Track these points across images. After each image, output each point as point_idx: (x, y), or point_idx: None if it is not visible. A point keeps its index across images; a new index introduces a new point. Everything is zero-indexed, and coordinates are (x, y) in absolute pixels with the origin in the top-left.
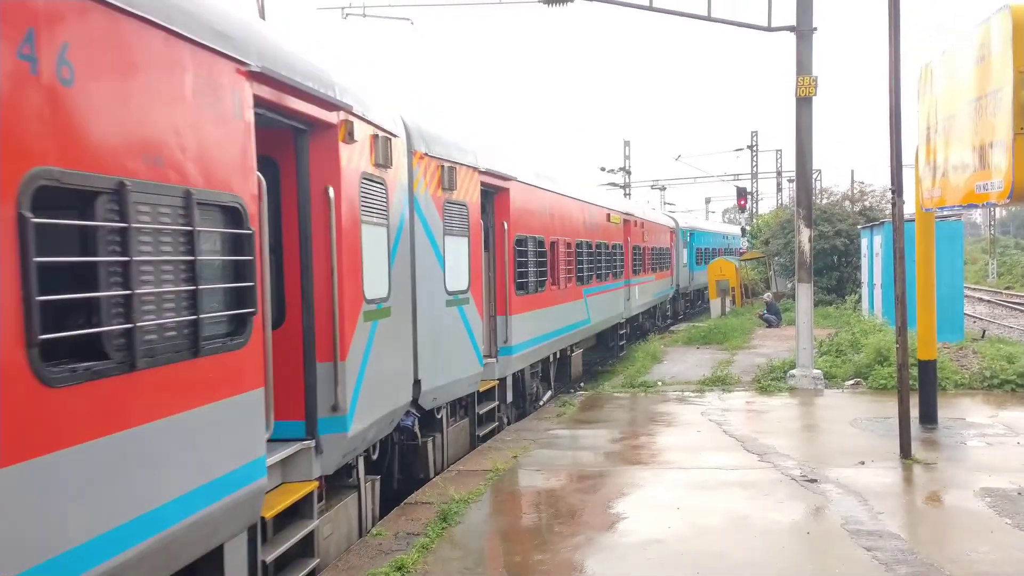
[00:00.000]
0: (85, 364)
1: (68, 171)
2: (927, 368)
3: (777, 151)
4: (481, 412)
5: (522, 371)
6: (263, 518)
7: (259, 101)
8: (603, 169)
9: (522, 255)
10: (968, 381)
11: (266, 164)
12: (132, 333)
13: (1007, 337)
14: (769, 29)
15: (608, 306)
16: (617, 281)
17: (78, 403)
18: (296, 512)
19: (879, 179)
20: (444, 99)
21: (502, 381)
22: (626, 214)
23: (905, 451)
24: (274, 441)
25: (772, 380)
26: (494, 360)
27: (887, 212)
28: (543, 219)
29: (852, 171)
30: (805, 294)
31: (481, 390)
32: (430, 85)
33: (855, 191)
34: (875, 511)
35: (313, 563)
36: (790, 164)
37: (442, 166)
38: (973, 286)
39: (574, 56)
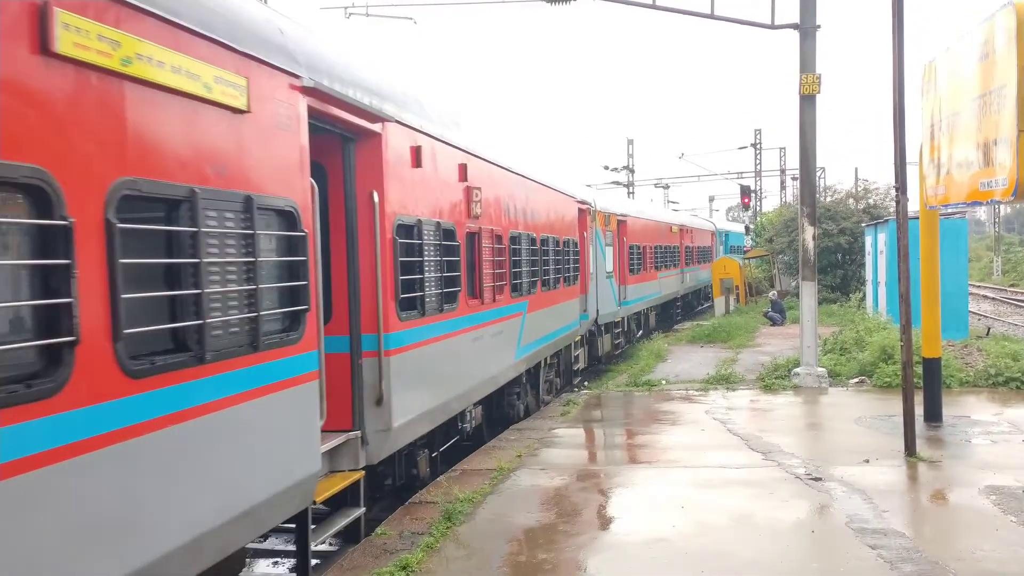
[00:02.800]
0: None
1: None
2: (932, 366)
3: (781, 149)
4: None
5: (638, 314)
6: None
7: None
8: (607, 167)
9: (634, 252)
10: (973, 379)
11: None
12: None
13: (1012, 335)
14: (772, 27)
15: (672, 284)
16: (673, 270)
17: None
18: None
19: (883, 177)
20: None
21: (624, 319)
22: (681, 225)
23: (910, 449)
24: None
25: (776, 378)
26: (617, 308)
27: (891, 210)
28: (653, 236)
29: (856, 169)
30: (809, 292)
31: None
32: (434, 84)
33: (859, 189)
34: (880, 509)
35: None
36: (794, 162)
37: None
38: (978, 283)
39: (577, 55)
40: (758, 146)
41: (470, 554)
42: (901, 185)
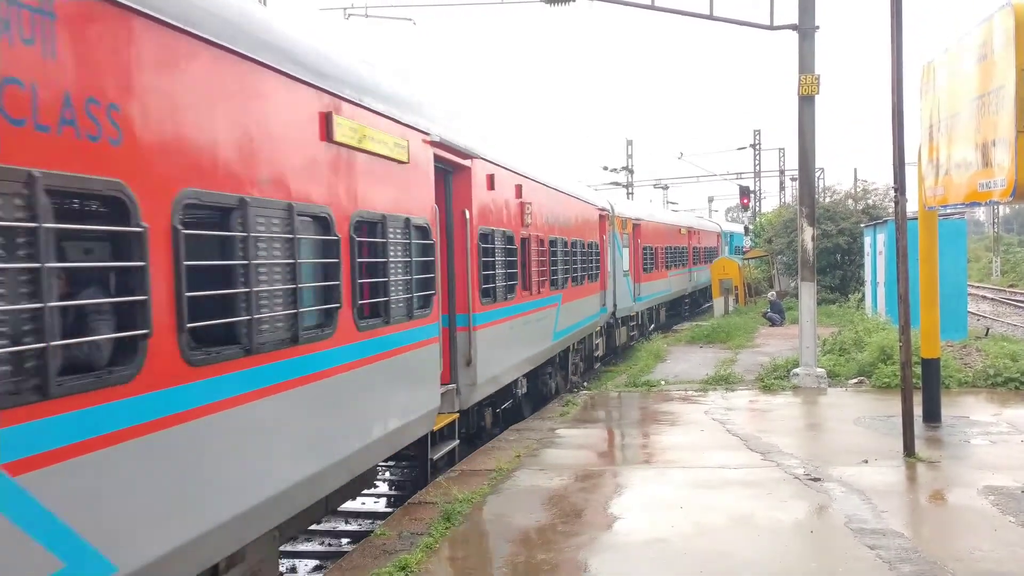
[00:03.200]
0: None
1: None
2: (930, 366)
3: (780, 149)
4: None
5: (650, 308)
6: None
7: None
8: (606, 168)
9: (647, 252)
10: (972, 379)
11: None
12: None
13: (1011, 335)
14: (771, 28)
15: (681, 282)
16: (682, 269)
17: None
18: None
19: (882, 177)
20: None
21: (639, 313)
22: (689, 227)
23: (909, 449)
24: None
25: (775, 379)
26: (632, 303)
27: (890, 210)
28: (664, 238)
29: (855, 169)
30: (808, 292)
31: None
32: (433, 85)
33: (858, 189)
34: (879, 509)
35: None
36: (793, 163)
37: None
38: (976, 284)
39: (576, 56)
40: (757, 147)
41: (469, 555)
42: (900, 186)
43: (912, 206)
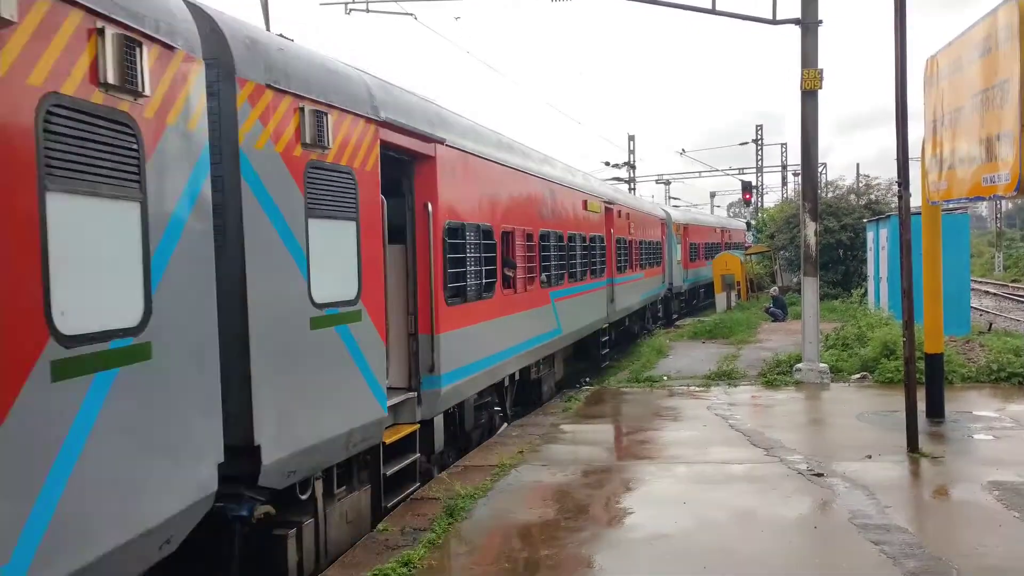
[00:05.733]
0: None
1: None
2: (934, 361)
3: (782, 145)
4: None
5: (693, 288)
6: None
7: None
8: (607, 164)
9: (692, 247)
10: (975, 374)
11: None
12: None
13: (1014, 330)
14: (774, 22)
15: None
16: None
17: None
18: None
19: (885, 172)
20: (448, 94)
21: (686, 291)
22: (722, 227)
23: (912, 445)
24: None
25: (778, 374)
26: (683, 283)
27: (893, 205)
28: (704, 236)
29: (858, 164)
30: (811, 288)
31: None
32: (433, 79)
33: (861, 184)
34: (882, 505)
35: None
36: (795, 158)
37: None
38: (980, 279)
39: (578, 51)
40: (759, 142)
41: (472, 550)
42: (903, 180)
43: (915, 201)
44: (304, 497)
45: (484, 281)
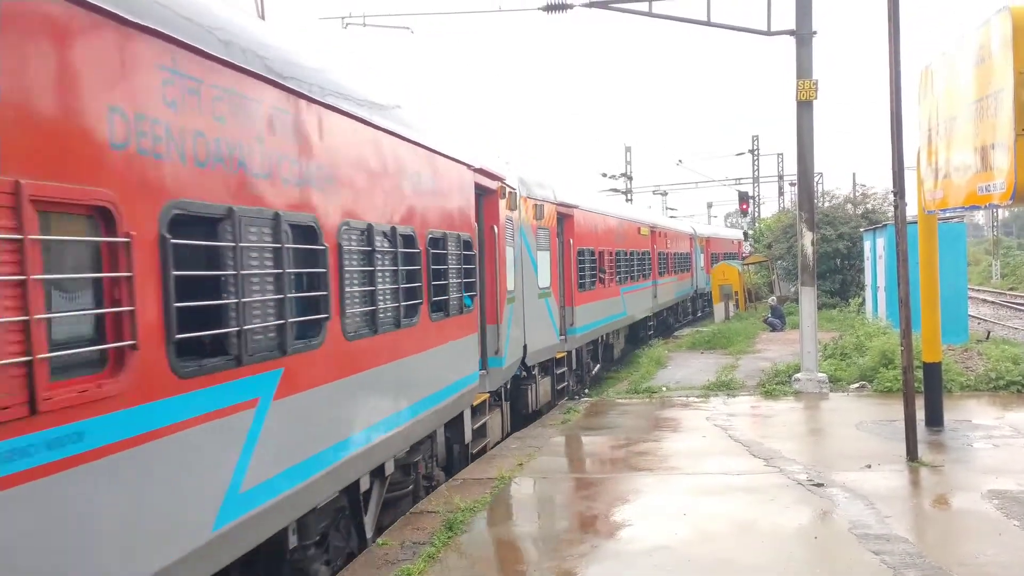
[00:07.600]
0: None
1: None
2: (932, 370)
3: (779, 155)
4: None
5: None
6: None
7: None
8: (604, 175)
9: (713, 256)
10: (973, 383)
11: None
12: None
13: (1012, 338)
14: (769, 33)
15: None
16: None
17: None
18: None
19: (881, 182)
20: (447, 106)
21: (696, 290)
22: (739, 239)
23: (911, 454)
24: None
25: (777, 384)
26: (705, 286)
27: (889, 214)
28: (722, 247)
29: (854, 174)
30: (809, 297)
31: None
32: (430, 92)
33: (857, 194)
34: (882, 515)
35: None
36: (792, 168)
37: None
38: (977, 287)
39: (574, 62)
40: (756, 152)
41: (471, 563)
42: (899, 190)
43: (911, 210)
44: (534, 373)
45: (590, 279)
